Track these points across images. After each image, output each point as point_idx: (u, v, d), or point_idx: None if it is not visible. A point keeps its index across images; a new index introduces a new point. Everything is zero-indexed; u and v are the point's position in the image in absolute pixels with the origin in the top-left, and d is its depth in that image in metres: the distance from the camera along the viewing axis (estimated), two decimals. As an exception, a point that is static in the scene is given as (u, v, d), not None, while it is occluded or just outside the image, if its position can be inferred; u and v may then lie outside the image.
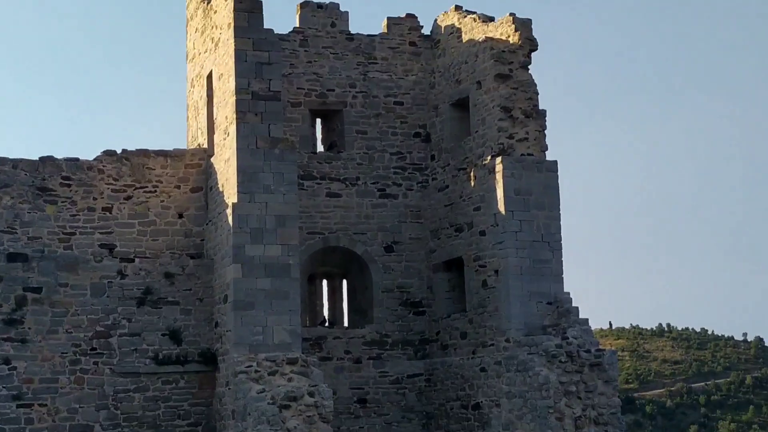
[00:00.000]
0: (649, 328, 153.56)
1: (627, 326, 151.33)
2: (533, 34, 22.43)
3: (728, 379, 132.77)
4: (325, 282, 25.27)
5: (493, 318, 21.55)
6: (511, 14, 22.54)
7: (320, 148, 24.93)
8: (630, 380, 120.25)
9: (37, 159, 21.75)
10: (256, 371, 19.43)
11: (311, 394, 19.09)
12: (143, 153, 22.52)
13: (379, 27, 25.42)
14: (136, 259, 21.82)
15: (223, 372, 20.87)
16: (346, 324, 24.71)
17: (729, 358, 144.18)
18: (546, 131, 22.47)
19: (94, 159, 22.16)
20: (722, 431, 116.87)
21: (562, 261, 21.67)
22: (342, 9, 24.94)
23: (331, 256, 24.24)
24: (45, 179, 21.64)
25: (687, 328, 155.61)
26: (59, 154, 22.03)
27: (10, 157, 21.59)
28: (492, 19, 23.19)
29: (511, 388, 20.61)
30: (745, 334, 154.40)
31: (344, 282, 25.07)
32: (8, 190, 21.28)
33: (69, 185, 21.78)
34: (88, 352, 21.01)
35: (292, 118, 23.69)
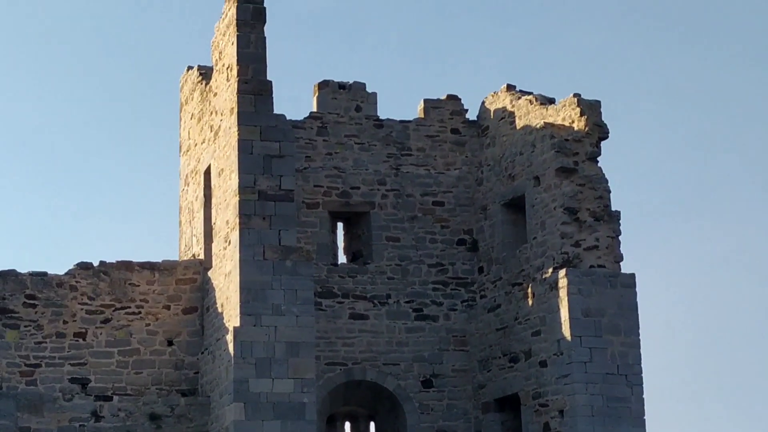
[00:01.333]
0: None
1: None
2: (603, 119, 22.41)
3: None
4: (348, 425, 24.90)
5: (559, 471, 21.10)
6: (576, 95, 22.52)
7: (342, 259, 24.80)
8: None
9: (-3, 272, 21.83)
10: None
11: None
12: (125, 266, 22.53)
13: (414, 111, 25.46)
14: (115, 397, 21.62)
15: None
16: (376, 480, 24.32)
17: None
18: (620, 237, 22.26)
19: (66, 273, 22.18)
20: None
21: (643, 399, 21.22)
22: (369, 90, 25.04)
23: (355, 392, 23.92)
24: (5, 298, 21.65)
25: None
26: (22, 268, 22.12)
27: (-34, 270, 21.69)
28: (552, 102, 23.20)
29: None
30: None
31: (372, 425, 24.69)
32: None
33: (34, 305, 21.76)
34: None
35: (308, 222, 23.65)
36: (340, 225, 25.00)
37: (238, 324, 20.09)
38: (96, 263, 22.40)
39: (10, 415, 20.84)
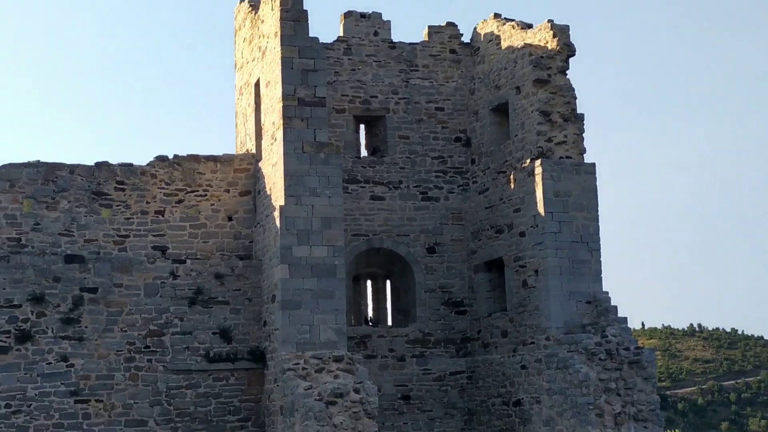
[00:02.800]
0: (680, 329, 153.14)
1: (659, 326, 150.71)
2: (571, 39, 22.06)
3: (758, 378, 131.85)
4: (369, 282, 25.03)
5: (534, 317, 21.19)
6: (549, 21, 22.17)
7: (364, 152, 24.68)
8: (662, 378, 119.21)
9: (93, 164, 21.73)
10: (304, 368, 19.25)
11: (357, 391, 18.87)
12: (194, 158, 22.39)
13: (420, 35, 25.15)
14: (188, 261, 21.68)
15: (272, 369, 20.68)
16: (389, 323, 24.44)
17: (759, 357, 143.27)
18: (584, 134, 22.07)
19: (147, 164, 22.07)
20: (753, 428, 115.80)
21: (600, 261, 21.25)
22: (384, 18, 24.70)
23: (375, 257, 23.97)
24: (100, 184, 21.61)
25: (717, 329, 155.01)
26: (114, 160, 22.04)
27: (67, 162, 21.54)
28: (530, 26, 22.86)
29: (551, 385, 20.23)
30: None
31: (388, 282, 24.81)
32: (66, 195, 21.27)
33: (123, 189, 21.73)
34: (142, 349, 20.92)
35: (337, 124, 23.48)
36: (362, 126, 24.80)
37: (283, 203, 20.07)
38: (171, 156, 22.27)
39: (107, 275, 20.99)
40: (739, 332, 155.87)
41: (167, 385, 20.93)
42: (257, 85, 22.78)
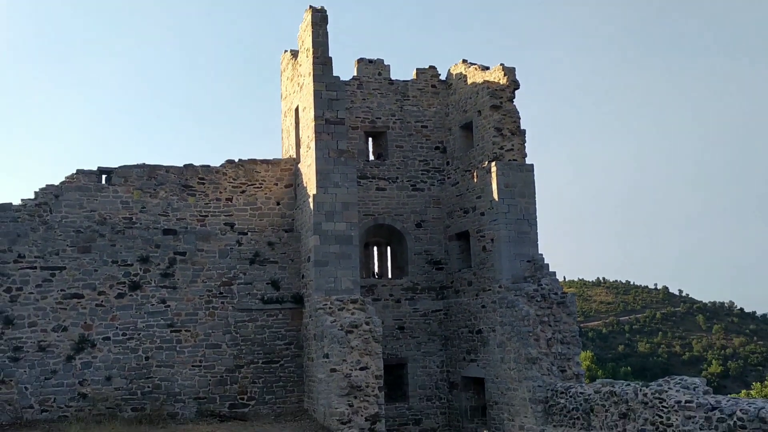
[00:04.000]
0: (590, 280, 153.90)
1: (575, 279, 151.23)
2: (516, 77, 21.80)
3: (645, 315, 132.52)
4: (375, 248, 24.85)
5: (490, 271, 21.04)
6: (501, 64, 21.88)
7: (371, 157, 24.44)
8: (578, 315, 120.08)
9: (182, 165, 21.56)
10: (330, 308, 19.15)
11: (367, 323, 18.78)
12: (253, 161, 22.20)
13: (411, 74, 24.83)
14: (249, 233, 21.55)
15: (308, 308, 20.58)
16: (390, 276, 24.29)
17: (645, 300, 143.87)
18: (525, 144, 21.83)
19: (220, 165, 21.89)
20: (641, 349, 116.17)
21: (537, 233, 21.05)
22: (386, 63, 24.37)
23: (379, 230, 23.81)
24: (187, 179, 21.45)
25: (617, 280, 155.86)
26: (197, 162, 21.84)
27: (164, 164, 21.42)
28: (488, 68, 22.54)
29: (502, 318, 20.13)
30: (656, 284, 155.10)
31: (388, 248, 24.62)
32: (163, 187, 21.13)
33: (203, 183, 21.56)
34: (217, 295, 20.83)
35: (352, 137, 23.23)
36: (370, 139, 24.48)
37: (315, 192, 19.89)
38: (237, 160, 22.09)
39: (192, 243, 20.85)
40: (632, 283, 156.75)
41: (235, 320, 20.86)
42: (297, 110, 22.56)
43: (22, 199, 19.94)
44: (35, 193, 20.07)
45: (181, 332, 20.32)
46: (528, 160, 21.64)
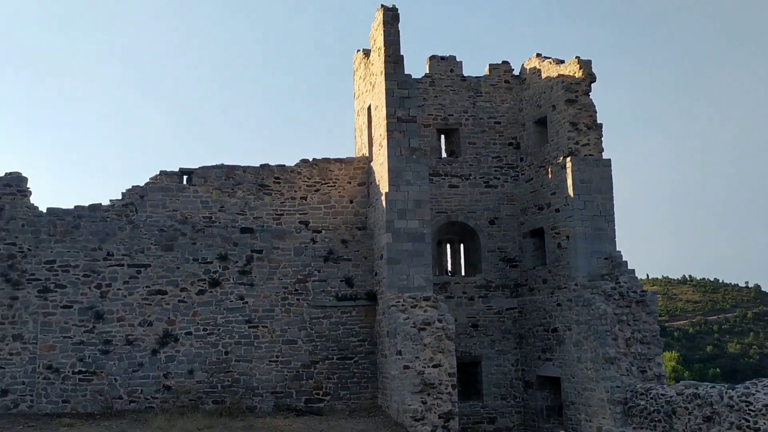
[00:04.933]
0: (675, 278, 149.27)
1: (659, 277, 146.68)
2: (592, 70, 21.33)
3: (734, 314, 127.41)
4: (448, 245, 24.79)
5: (566, 269, 20.68)
6: (577, 57, 21.46)
7: (444, 154, 24.41)
8: (663, 315, 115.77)
9: (259, 165, 22.09)
10: (402, 305, 19.26)
11: (440, 320, 18.79)
12: (326, 161, 22.54)
13: (483, 71, 24.66)
14: (323, 231, 21.90)
15: (381, 306, 20.76)
16: (462, 273, 24.20)
17: (735, 299, 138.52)
18: (602, 138, 21.33)
19: (295, 165, 22.32)
20: (730, 350, 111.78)
21: (614, 229, 20.54)
22: (458, 59, 24.27)
23: (452, 227, 23.75)
24: (264, 179, 21.97)
25: (704, 278, 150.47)
26: (272, 162, 22.32)
27: (242, 164, 21.99)
28: (563, 62, 22.15)
29: (579, 317, 19.76)
30: (747, 282, 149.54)
31: (461, 245, 24.53)
32: (241, 187, 21.73)
33: (279, 182, 22.05)
34: (293, 292, 21.26)
35: (425, 134, 23.28)
36: (442, 136, 24.49)
37: (387, 190, 20.04)
38: (311, 159, 22.49)
39: (269, 241, 21.36)
40: (721, 281, 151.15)
41: (310, 316, 21.25)
42: (369, 109, 22.77)
43: (110, 200, 20.96)
44: (122, 194, 21.04)
45: (259, 328, 20.86)
46: (605, 155, 21.15)
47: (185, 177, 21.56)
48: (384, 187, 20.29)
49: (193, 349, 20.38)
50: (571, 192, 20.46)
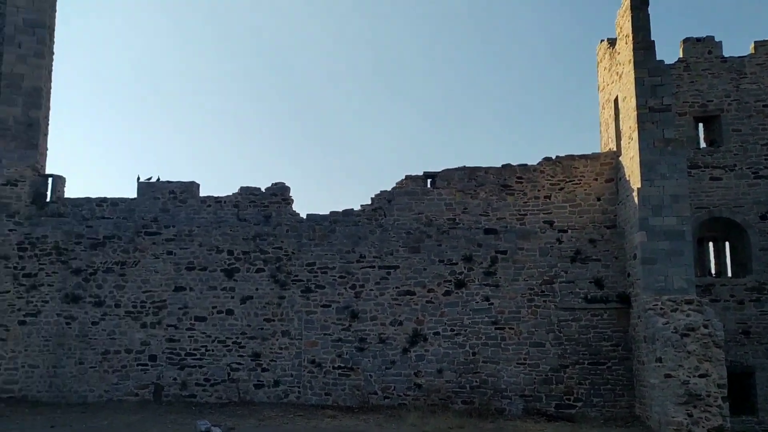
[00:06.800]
0: None
1: None
2: None
3: None
4: (711, 244, 22.68)
5: None
6: None
7: (702, 144, 22.39)
8: None
9: (500, 166, 22.02)
10: (661, 309, 17.94)
11: (705, 326, 17.18)
12: (571, 157, 21.82)
13: (747, 49, 22.22)
14: (568, 230, 21.21)
15: (635, 309, 19.54)
16: (729, 275, 21.96)
17: None
18: None
19: (537, 163, 21.91)
20: None
21: None
22: (716, 39, 22.18)
23: (715, 224, 21.69)
24: (506, 179, 21.84)
25: None
26: (513, 162, 22.15)
27: (483, 165, 22.01)
28: None
29: None
30: None
31: (726, 243, 22.29)
32: (483, 188, 21.81)
33: (521, 182, 21.78)
34: (539, 293, 20.84)
35: (680, 124, 21.55)
36: (700, 124, 22.50)
37: (639, 186, 18.84)
38: (554, 157, 21.92)
39: (512, 241, 21.16)
40: None
41: (558, 319, 20.66)
42: (615, 100, 21.63)
43: (361, 205, 22.21)
44: (371, 198, 22.21)
45: (505, 329, 20.73)
46: None
47: (429, 180, 22.15)
48: (636, 182, 19.10)
49: (441, 349, 20.83)
50: None
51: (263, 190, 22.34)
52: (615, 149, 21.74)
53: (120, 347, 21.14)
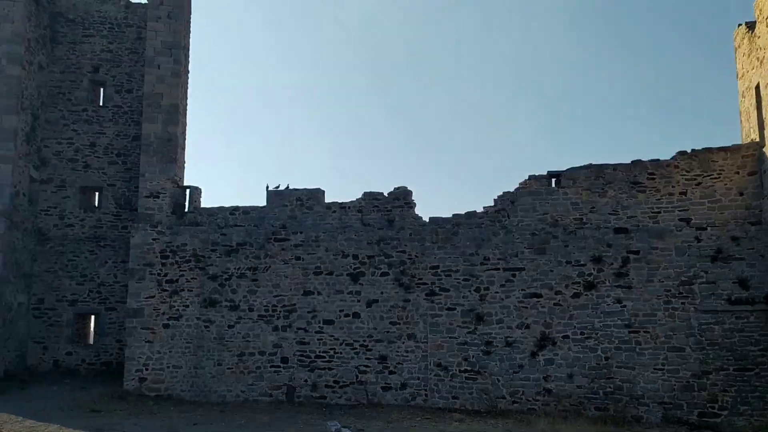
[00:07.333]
0: None
1: None
2: None
3: None
4: None
5: None
6: None
7: None
8: None
9: (629, 162, 21.09)
10: (817, 310, 16.43)
11: None
12: (708, 150, 20.53)
13: None
14: (708, 228, 19.94)
15: (786, 311, 18.04)
16: None
17: None
18: None
19: (671, 158, 20.78)
20: None
21: None
22: None
23: None
24: (636, 176, 20.89)
25: None
26: (644, 157, 21.17)
27: (611, 162, 21.19)
28: None
29: None
30: None
31: None
32: (611, 186, 20.97)
33: (653, 178, 20.74)
34: (676, 295, 19.73)
35: (832, 109, 19.72)
36: None
37: (787, 177, 17.41)
38: (689, 150, 20.72)
39: (645, 241, 20.17)
40: None
41: (698, 322, 19.46)
42: (757, 88, 20.15)
43: (483, 207, 21.96)
44: (494, 200, 21.90)
45: (640, 333, 19.77)
46: None
47: (553, 180, 21.55)
48: (783, 173, 17.67)
49: (571, 353, 20.16)
50: None
51: (386, 194, 22.61)
52: (758, 140, 20.24)
53: (254, 349, 22.04)
